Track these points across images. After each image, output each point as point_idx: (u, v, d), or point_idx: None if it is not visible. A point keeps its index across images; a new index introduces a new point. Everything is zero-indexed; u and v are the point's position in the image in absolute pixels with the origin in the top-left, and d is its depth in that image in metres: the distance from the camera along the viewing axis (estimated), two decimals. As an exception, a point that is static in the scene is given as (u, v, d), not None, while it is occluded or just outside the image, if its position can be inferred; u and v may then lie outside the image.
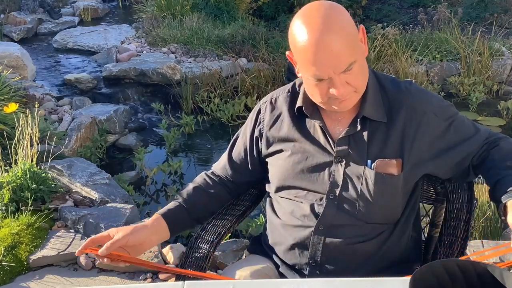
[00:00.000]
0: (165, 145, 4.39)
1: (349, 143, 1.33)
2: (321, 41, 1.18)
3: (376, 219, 1.33)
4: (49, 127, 3.59)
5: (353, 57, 1.21)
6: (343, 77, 1.22)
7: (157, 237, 1.41)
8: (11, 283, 2.36)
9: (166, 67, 5.15)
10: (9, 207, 2.65)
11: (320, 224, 1.34)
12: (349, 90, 1.26)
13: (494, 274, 0.96)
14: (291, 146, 1.39)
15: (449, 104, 1.39)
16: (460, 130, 1.35)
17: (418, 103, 1.33)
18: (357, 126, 1.32)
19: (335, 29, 1.18)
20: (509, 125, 4.65)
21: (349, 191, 1.32)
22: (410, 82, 1.42)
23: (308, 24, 1.20)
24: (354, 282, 1.12)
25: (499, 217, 1.37)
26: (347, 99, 1.27)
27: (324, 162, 1.35)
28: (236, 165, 1.52)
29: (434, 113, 1.33)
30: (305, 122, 1.39)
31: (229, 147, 1.55)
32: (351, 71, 1.22)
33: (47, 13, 7.35)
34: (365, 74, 1.29)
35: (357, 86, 1.27)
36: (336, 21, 1.20)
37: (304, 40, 1.19)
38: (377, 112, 1.32)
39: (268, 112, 1.45)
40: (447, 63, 5.47)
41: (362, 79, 1.28)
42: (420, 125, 1.31)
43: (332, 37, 1.18)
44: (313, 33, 1.18)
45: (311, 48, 1.19)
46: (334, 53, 1.18)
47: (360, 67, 1.25)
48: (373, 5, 7.46)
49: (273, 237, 1.47)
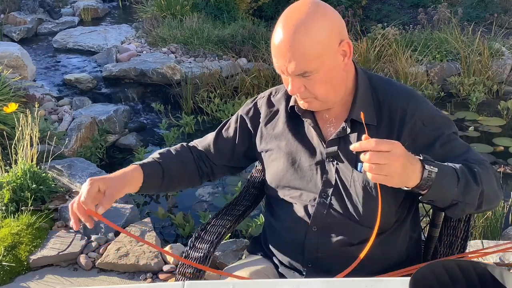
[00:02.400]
0: (165, 145, 4.38)
1: (339, 144, 1.33)
2: (286, 38, 1.21)
3: (367, 222, 1.31)
4: (49, 127, 3.59)
5: (311, 67, 1.21)
6: (300, 80, 1.24)
7: (129, 189, 1.37)
8: (11, 283, 2.36)
9: (166, 67, 5.15)
10: (9, 207, 2.65)
11: (313, 225, 1.34)
12: (307, 94, 1.27)
13: (494, 274, 0.96)
14: (285, 145, 1.40)
15: (443, 117, 1.34)
16: (448, 145, 1.28)
17: (409, 110, 1.30)
18: (346, 129, 1.32)
19: (303, 33, 1.20)
20: (509, 125, 4.65)
21: (341, 191, 1.32)
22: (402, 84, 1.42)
23: (283, 23, 1.23)
24: (354, 282, 1.12)
25: None
26: (308, 102, 1.29)
27: (317, 162, 1.35)
28: (221, 146, 1.53)
29: (423, 122, 1.30)
30: (300, 121, 1.40)
31: (219, 127, 1.56)
32: (310, 78, 1.23)
33: (47, 13, 7.35)
34: (333, 85, 1.27)
35: (317, 94, 1.27)
36: (310, 27, 1.20)
37: (275, 34, 1.24)
38: (367, 115, 1.30)
39: (266, 107, 1.46)
40: (447, 63, 5.47)
41: (325, 90, 1.27)
42: (409, 131, 1.29)
43: (296, 38, 1.20)
44: (283, 28, 1.22)
45: (276, 41, 1.24)
46: (291, 54, 1.21)
47: (322, 78, 1.24)
48: (373, 5, 7.46)
49: (271, 237, 1.48)
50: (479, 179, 1.19)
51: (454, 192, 1.16)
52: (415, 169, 1.11)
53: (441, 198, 1.18)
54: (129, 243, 2.55)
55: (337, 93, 1.31)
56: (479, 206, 1.22)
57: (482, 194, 1.20)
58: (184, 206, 3.41)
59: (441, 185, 1.14)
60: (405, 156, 1.09)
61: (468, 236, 1.43)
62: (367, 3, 7.30)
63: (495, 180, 1.25)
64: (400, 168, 1.08)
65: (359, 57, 5.36)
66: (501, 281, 0.95)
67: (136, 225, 2.69)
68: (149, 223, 2.72)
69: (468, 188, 1.17)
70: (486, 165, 1.25)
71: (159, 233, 2.99)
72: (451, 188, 1.16)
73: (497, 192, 1.25)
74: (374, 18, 7.07)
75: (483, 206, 1.23)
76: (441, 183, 1.14)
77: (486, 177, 1.21)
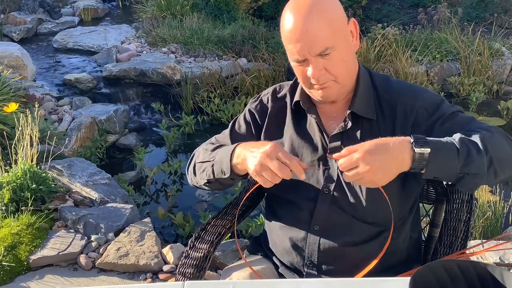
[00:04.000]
0: (165, 145, 4.39)
1: (342, 139, 1.33)
2: (300, 21, 1.22)
3: (370, 219, 1.31)
4: (49, 127, 3.59)
5: (331, 42, 1.22)
6: (321, 61, 1.24)
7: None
8: (11, 283, 2.36)
9: (166, 67, 5.15)
10: (9, 207, 2.65)
11: (315, 224, 1.33)
12: (327, 77, 1.26)
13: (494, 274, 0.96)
14: (288, 140, 1.39)
15: (443, 100, 1.34)
16: (449, 122, 1.27)
17: (409, 103, 1.31)
18: (348, 123, 1.32)
19: (316, 12, 1.21)
20: (509, 125, 4.65)
21: (344, 187, 1.31)
22: (401, 80, 1.42)
23: (294, 9, 1.24)
24: (354, 282, 1.12)
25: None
26: (326, 87, 1.28)
27: (319, 157, 1.35)
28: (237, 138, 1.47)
29: (426, 109, 1.30)
30: (304, 117, 1.40)
31: (230, 125, 1.52)
32: (329, 56, 1.23)
33: (47, 13, 7.36)
34: (348, 66, 1.29)
35: (336, 74, 1.27)
36: (320, 6, 1.23)
37: (288, 22, 1.24)
38: (367, 109, 1.32)
39: (271, 103, 1.46)
40: (447, 63, 5.47)
41: (344, 70, 1.28)
42: (412, 122, 1.30)
43: (311, 19, 1.21)
44: (295, 15, 1.23)
45: (291, 27, 1.23)
46: (310, 33, 1.21)
47: (340, 55, 1.25)
48: (373, 5, 7.46)
49: (271, 237, 1.47)
50: (483, 146, 1.15)
51: (455, 165, 1.13)
52: (402, 156, 1.10)
53: (444, 173, 1.15)
54: (129, 243, 2.55)
55: (351, 76, 1.32)
56: (496, 173, 1.17)
57: (492, 160, 1.15)
58: (184, 206, 3.41)
59: (439, 161, 1.12)
60: (379, 153, 1.10)
61: (468, 236, 1.43)
62: (367, 3, 7.31)
63: (506, 143, 1.20)
64: (378, 166, 1.09)
65: (359, 57, 5.36)
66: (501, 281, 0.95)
67: (136, 225, 2.69)
68: (149, 223, 2.72)
69: (471, 158, 1.13)
70: (492, 130, 1.21)
71: (159, 233, 2.99)
72: (451, 162, 1.13)
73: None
74: (374, 18, 7.08)
75: (502, 173, 1.18)
76: (438, 160, 1.12)
77: (493, 141, 1.17)
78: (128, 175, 3.73)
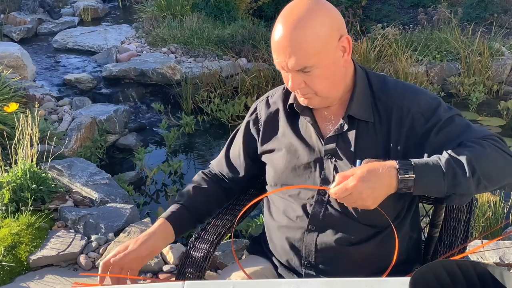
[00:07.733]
0: (165, 145, 4.39)
1: (337, 141, 1.33)
2: (284, 35, 1.22)
3: (366, 220, 1.31)
4: (49, 127, 3.59)
5: (311, 62, 1.22)
6: (300, 76, 1.25)
7: (165, 242, 1.42)
8: (11, 283, 2.36)
9: (166, 67, 5.15)
10: (9, 207, 2.65)
11: (311, 224, 1.34)
12: (307, 90, 1.28)
13: (494, 274, 0.96)
14: (284, 144, 1.40)
15: (440, 103, 1.32)
16: (444, 131, 1.27)
17: (405, 107, 1.30)
18: (344, 125, 1.32)
19: (300, 29, 1.21)
20: (509, 125, 4.66)
21: None
22: (398, 81, 1.42)
23: (282, 19, 1.25)
24: (354, 282, 1.12)
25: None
26: (308, 98, 1.30)
27: (315, 159, 1.35)
28: (233, 163, 1.53)
29: (422, 114, 1.29)
30: (299, 119, 1.40)
31: (226, 144, 1.56)
32: (310, 73, 1.24)
33: (47, 13, 7.35)
34: (333, 82, 1.29)
35: (317, 90, 1.28)
36: (308, 23, 1.21)
37: (275, 31, 1.25)
38: (364, 112, 1.32)
39: (265, 110, 1.46)
40: (447, 63, 5.47)
41: (326, 86, 1.28)
42: (407, 126, 1.29)
43: (295, 35, 1.21)
44: (282, 26, 1.24)
45: (275, 38, 1.25)
46: (291, 49, 1.21)
47: (322, 73, 1.25)
48: (373, 5, 7.46)
49: (270, 238, 1.48)
50: (471, 167, 1.17)
51: (442, 187, 1.18)
52: (390, 181, 1.17)
53: (431, 193, 1.23)
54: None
55: (336, 89, 1.31)
56: (486, 188, 1.21)
57: (480, 179, 1.18)
58: (184, 206, 3.41)
59: (424, 184, 1.18)
60: (371, 180, 1.16)
61: (468, 236, 1.43)
62: (367, 3, 7.30)
63: (499, 155, 1.22)
64: (370, 193, 1.15)
65: (359, 57, 5.36)
66: (501, 281, 0.95)
67: (136, 225, 2.68)
68: (149, 223, 2.72)
69: (457, 181, 1.17)
70: (484, 144, 1.22)
71: (159, 233, 2.99)
72: (436, 185, 1.18)
73: (504, 166, 1.22)
74: (374, 18, 7.08)
75: (492, 187, 1.23)
76: (423, 184, 1.17)
77: (482, 159, 1.19)
78: (128, 175, 3.73)
